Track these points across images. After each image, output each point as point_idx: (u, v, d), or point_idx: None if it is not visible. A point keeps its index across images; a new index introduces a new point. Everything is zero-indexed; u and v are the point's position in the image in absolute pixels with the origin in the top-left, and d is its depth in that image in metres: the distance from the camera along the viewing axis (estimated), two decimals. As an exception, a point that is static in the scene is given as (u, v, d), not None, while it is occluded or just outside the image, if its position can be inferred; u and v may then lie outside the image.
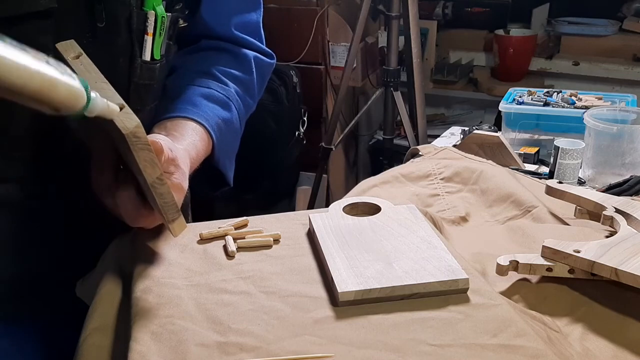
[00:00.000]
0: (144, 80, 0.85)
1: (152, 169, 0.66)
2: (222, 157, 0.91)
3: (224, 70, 0.95)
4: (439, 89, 3.02)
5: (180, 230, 0.73)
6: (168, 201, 0.69)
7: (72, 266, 0.83)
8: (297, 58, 2.55)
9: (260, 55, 1.01)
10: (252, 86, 0.99)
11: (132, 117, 0.64)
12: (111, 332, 0.70)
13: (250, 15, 0.99)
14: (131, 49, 0.82)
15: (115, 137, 0.71)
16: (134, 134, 0.63)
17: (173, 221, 0.71)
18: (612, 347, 0.67)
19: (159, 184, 0.67)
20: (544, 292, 0.75)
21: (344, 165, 2.93)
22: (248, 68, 0.98)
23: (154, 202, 0.70)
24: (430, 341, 0.62)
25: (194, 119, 0.86)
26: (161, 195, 0.68)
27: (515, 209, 0.97)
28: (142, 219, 0.74)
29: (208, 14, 0.94)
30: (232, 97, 0.94)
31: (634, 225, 0.83)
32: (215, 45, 0.97)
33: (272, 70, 1.05)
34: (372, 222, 0.80)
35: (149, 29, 0.82)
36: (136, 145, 0.64)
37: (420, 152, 1.20)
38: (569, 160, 1.23)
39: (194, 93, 0.90)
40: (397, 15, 2.29)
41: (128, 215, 0.73)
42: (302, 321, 0.65)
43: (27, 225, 0.83)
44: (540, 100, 1.53)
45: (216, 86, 0.93)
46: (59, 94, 0.54)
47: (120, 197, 0.72)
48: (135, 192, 0.72)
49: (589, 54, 2.80)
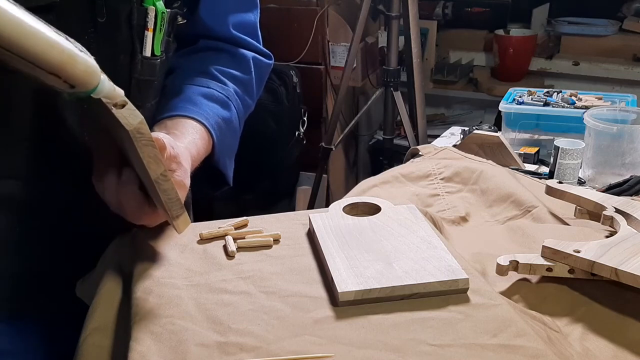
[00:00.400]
0: (145, 76, 0.85)
1: (156, 165, 0.66)
2: (222, 156, 0.92)
3: (223, 70, 0.96)
4: (439, 89, 3.02)
5: (185, 226, 0.73)
6: (172, 197, 0.69)
7: (74, 265, 0.83)
8: (297, 58, 2.54)
9: (258, 56, 1.01)
10: (250, 86, 1.00)
11: (135, 114, 0.64)
12: (111, 332, 0.70)
13: (248, 15, 1.00)
14: (132, 44, 0.83)
15: (117, 135, 0.71)
16: (138, 130, 0.63)
17: (177, 217, 0.71)
18: (612, 347, 0.67)
19: (163, 180, 0.67)
20: (544, 292, 0.75)
21: (344, 165, 2.93)
22: (246, 68, 0.99)
23: (157, 199, 0.70)
24: (430, 341, 0.62)
25: (194, 117, 0.86)
26: (165, 191, 0.67)
27: (515, 209, 0.97)
28: (146, 216, 0.74)
29: (206, 14, 0.94)
30: (231, 97, 0.94)
31: (634, 225, 0.83)
32: (213, 45, 0.97)
33: (270, 70, 1.05)
34: (372, 222, 0.80)
35: (150, 25, 0.83)
36: (140, 142, 0.64)
37: (420, 152, 1.20)
38: (569, 160, 1.23)
39: (193, 92, 0.90)
40: (397, 15, 2.29)
41: (132, 213, 0.73)
42: (302, 321, 0.65)
43: (30, 223, 0.83)
44: (540, 100, 1.53)
45: (215, 86, 0.93)
46: (77, 70, 0.56)
47: (123, 195, 0.72)
48: (139, 190, 0.72)
49: (589, 54, 2.80)
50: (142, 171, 0.68)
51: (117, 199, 0.73)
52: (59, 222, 0.84)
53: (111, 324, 0.71)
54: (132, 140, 0.63)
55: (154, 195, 0.71)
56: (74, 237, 0.84)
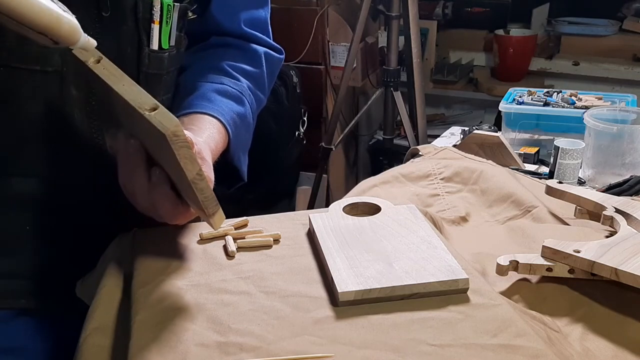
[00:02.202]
0: (153, 70, 0.86)
1: (192, 165, 0.65)
2: (236, 152, 0.92)
3: (235, 65, 0.96)
4: (439, 89, 3.02)
5: (221, 222, 0.72)
6: (208, 195, 0.68)
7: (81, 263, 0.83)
8: (297, 58, 2.54)
9: (270, 51, 1.02)
10: (262, 80, 1.00)
11: (169, 117, 0.64)
12: (111, 332, 0.70)
13: (259, 12, 1.00)
14: (138, 37, 0.83)
15: (145, 137, 0.70)
16: (175, 133, 0.63)
17: (213, 214, 0.70)
18: (612, 347, 0.67)
19: (199, 179, 0.66)
20: (544, 292, 0.75)
21: (344, 165, 2.93)
22: (258, 62, 0.99)
23: (192, 198, 0.70)
24: (430, 341, 0.62)
25: (210, 113, 0.86)
26: (201, 190, 0.67)
27: (515, 209, 0.97)
28: (181, 215, 0.74)
29: (218, 11, 0.95)
30: (244, 92, 0.94)
31: (634, 225, 0.83)
32: (224, 41, 0.98)
33: (281, 65, 1.06)
34: (372, 222, 0.80)
35: (155, 17, 0.83)
36: (177, 144, 0.63)
37: (420, 152, 1.20)
38: (569, 160, 1.23)
39: (207, 89, 0.90)
40: (397, 15, 2.29)
41: (166, 213, 0.73)
42: (302, 321, 0.65)
43: (39, 221, 0.83)
44: (540, 100, 1.53)
45: (229, 82, 0.93)
46: (62, 29, 0.63)
47: (157, 196, 0.72)
48: (171, 190, 0.72)
49: (589, 54, 2.80)
50: (175, 171, 0.68)
51: (150, 200, 0.72)
52: (68, 220, 0.84)
53: (111, 324, 0.71)
54: (168, 143, 0.63)
55: (186, 194, 0.71)
56: (82, 235, 0.85)
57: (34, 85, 0.77)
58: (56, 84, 0.78)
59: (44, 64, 0.77)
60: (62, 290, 0.85)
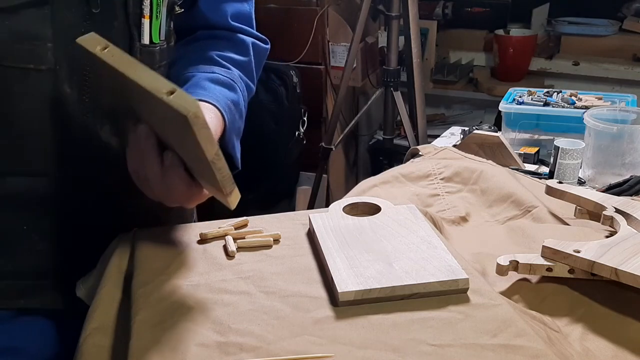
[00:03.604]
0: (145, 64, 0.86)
1: (211, 145, 0.65)
2: (231, 138, 0.92)
3: (224, 55, 0.97)
4: (439, 89, 3.02)
5: (236, 200, 0.71)
6: (225, 175, 0.68)
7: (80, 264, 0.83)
8: (297, 58, 2.54)
9: (256, 41, 1.03)
10: (250, 68, 1.01)
11: (189, 99, 0.63)
12: (111, 332, 0.70)
13: (243, 5, 1.02)
14: (129, 32, 0.83)
15: (157, 122, 0.70)
16: (196, 115, 0.62)
17: (230, 193, 0.70)
18: (612, 347, 0.67)
19: (217, 159, 0.66)
20: (544, 292, 0.75)
21: (344, 165, 2.92)
22: (246, 52, 1.00)
23: (208, 179, 0.69)
24: (430, 341, 0.62)
25: (206, 100, 0.86)
26: (220, 169, 0.67)
27: (515, 209, 0.97)
28: (194, 197, 0.74)
29: (206, 6, 0.96)
30: (236, 80, 0.95)
31: (634, 225, 0.83)
32: (212, 34, 0.99)
33: (267, 55, 1.06)
34: (372, 222, 0.80)
35: (145, 12, 0.83)
36: (197, 125, 0.63)
37: (420, 152, 1.20)
38: (569, 160, 1.23)
39: (200, 78, 0.91)
40: (397, 15, 2.28)
41: (181, 195, 0.73)
42: (302, 321, 0.65)
43: (38, 221, 0.83)
44: (540, 100, 1.53)
45: (220, 70, 0.94)
46: None
47: (171, 179, 0.72)
48: (185, 172, 0.72)
49: (589, 54, 2.80)
50: (191, 153, 0.68)
51: (164, 184, 0.72)
52: (68, 220, 0.84)
53: (111, 324, 0.71)
54: (189, 124, 0.62)
55: (200, 176, 0.71)
56: (82, 235, 0.85)
57: (27, 84, 0.77)
58: (49, 82, 0.78)
59: (37, 62, 0.77)
60: (62, 290, 0.85)
